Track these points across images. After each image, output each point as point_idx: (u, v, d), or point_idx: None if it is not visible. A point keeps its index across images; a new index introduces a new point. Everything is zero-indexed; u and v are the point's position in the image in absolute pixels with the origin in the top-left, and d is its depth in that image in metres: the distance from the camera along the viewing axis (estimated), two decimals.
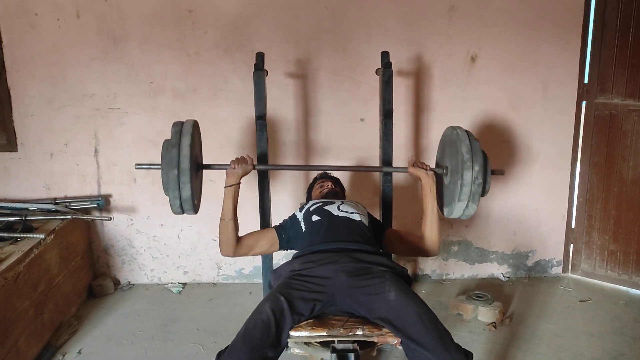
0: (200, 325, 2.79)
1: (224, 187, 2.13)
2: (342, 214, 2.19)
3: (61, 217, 2.86)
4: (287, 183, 3.15)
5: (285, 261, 2.15)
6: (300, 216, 2.25)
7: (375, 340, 1.80)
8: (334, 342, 1.80)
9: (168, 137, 3.03)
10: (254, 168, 2.19)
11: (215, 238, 3.22)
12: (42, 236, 2.59)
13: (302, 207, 2.31)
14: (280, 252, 3.13)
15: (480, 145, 2.05)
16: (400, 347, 1.79)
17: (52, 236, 2.68)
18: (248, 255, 2.22)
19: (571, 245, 3.34)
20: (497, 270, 3.36)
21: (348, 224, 2.14)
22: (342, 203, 2.28)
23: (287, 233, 2.23)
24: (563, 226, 3.32)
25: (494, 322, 2.75)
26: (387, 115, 2.46)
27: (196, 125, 2.11)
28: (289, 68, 3.01)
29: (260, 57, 2.43)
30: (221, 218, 2.13)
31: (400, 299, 1.77)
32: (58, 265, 2.72)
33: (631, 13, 2.91)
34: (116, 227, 3.19)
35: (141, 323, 2.82)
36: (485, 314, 2.79)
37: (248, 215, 3.17)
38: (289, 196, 3.16)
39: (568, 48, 3.05)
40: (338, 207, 2.23)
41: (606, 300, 3.06)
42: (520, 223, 3.29)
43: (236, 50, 2.97)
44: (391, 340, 1.78)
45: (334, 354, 1.75)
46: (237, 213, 2.15)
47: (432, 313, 1.74)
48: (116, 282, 3.23)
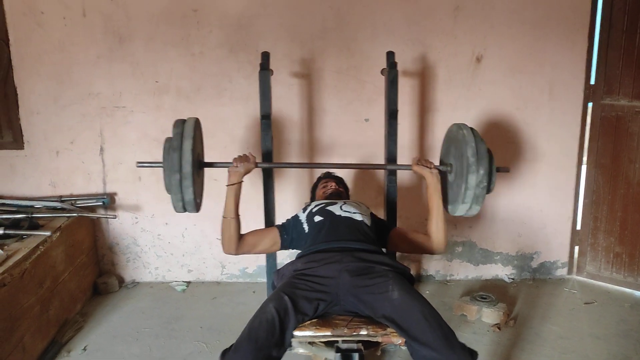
0: (204, 323, 2.80)
1: (226, 186, 2.13)
2: (344, 214, 2.19)
3: (67, 215, 2.87)
4: (292, 182, 3.16)
5: (288, 261, 2.16)
6: (303, 217, 2.26)
7: (379, 340, 1.80)
8: (338, 342, 1.80)
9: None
10: (257, 166, 2.20)
11: (219, 237, 3.21)
12: (48, 233, 2.60)
13: (305, 209, 2.31)
14: (284, 252, 3.15)
15: (485, 145, 2.04)
16: (404, 348, 1.79)
17: (58, 234, 2.69)
18: (250, 253, 2.23)
19: (576, 247, 3.33)
20: (502, 271, 3.35)
21: (350, 224, 2.15)
22: (345, 203, 2.28)
23: (290, 234, 2.23)
24: (568, 228, 3.30)
25: (498, 324, 2.75)
26: (392, 115, 2.46)
27: (198, 124, 2.11)
28: (294, 67, 3.01)
29: (265, 57, 2.44)
30: (223, 216, 2.14)
31: (404, 298, 1.77)
32: (63, 262, 2.74)
33: (638, 14, 2.90)
34: (121, 225, 3.20)
35: (145, 321, 2.83)
36: (489, 315, 2.78)
37: (252, 213, 3.18)
38: (293, 195, 3.16)
39: (574, 49, 3.04)
40: (340, 207, 2.23)
41: (611, 302, 3.04)
42: (525, 224, 3.28)
43: (241, 49, 2.97)
44: (395, 340, 1.78)
45: (338, 354, 1.75)
46: (241, 212, 2.15)
47: (436, 312, 1.74)
48: (121, 280, 3.25)
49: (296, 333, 1.77)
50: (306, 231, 2.19)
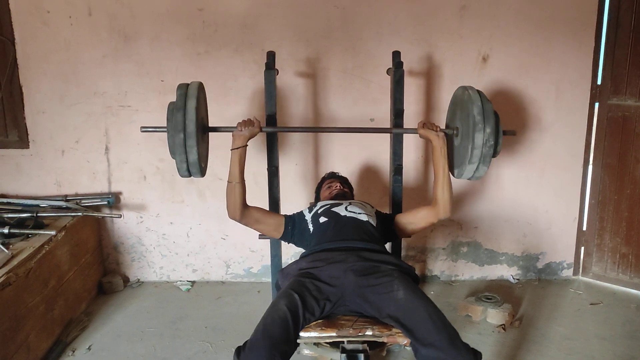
0: (208, 323, 2.80)
1: (231, 150, 2.13)
2: (350, 214, 2.19)
3: (72, 214, 2.87)
4: (296, 182, 3.15)
5: (293, 260, 2.15)
6: (308, 217, 2.25)
7: (384, 340, 1.80)
8: (344, 343, 1.79)
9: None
10: (261, 130, 2.19)
11: (224, 236, 3.22)
12: (53, 233, 2.61)
13: (311, 209, 2.31)
14: (289, 252, 3.16)
15: (492, 105, 2.01)
16: (409, 348, 1.78)
17: (63, 233, 2.70)
18: (251, 226, 2.22)
19: (582, 247, 3.31)
20: (507, 272, 3.34)
21: (355, 224, 2.15)
22: (350, 204, 2.28)
23: (294, 228, 2.24)
24: (574, 228, 3.29)
25: (504, 324, 2.73)
26: (398, 115, 2.46)
27: (202, 87, 2.09)
28: (299, 67, 3.00)
29: (271, 56, 2.43)
30: (228, 181, 2.14)
31: (409, 298, 1.76)
32: (68, 261, 2.74)
33: None
34: (126, 225, 3.20)
35: (150, 320, 2.83)
36: (494, 316, 2.77)
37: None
38: (297, 194, 3.16)
39: (581, 48, 3.02)
40: (346, 208, 2.23)
41: (617, 303, 3.03)
42: (530, 225, 3.27)
43: (246, 49, 2.97)
44: (401, 340, 1.77)
45: (344, 355, 1.74)
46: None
47: (441, 312, 1.73)
48: (125, 280, 3.25)
49: (302, 334, 1.77)
50: (311, 231, 2.19)
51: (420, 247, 3.29)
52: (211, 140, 3.06)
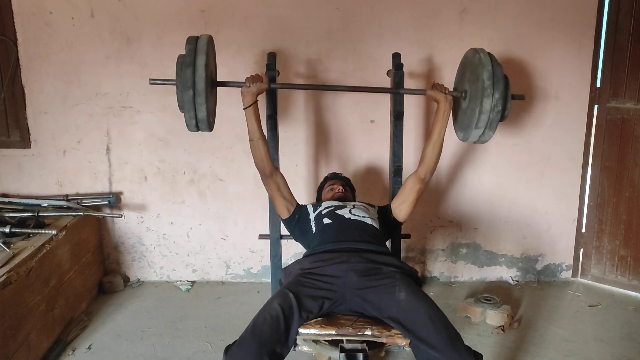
0: (208, 323, 2.81)
1: (243, 109, 2.14)
2: (354, 217, 2.20)
3: (73, 214, 2.88)
4: (297, 184, 3.16)
5: (295, 260, 2.16)
6: (312, 217, 2.26)
7: (384, 340, 1.81)
8: (343, 342, 1.80)
9: (178, 136, 3.07)
10: (269, 87, 2.20)
11: (224, 237, 3.23)
12: (54, 232, 2.62)
13: (315, 208, 2.31)
14: (289, 252, 3.17)
15: (502, 70, 2.00)
16: (408, 349, 1.79)
17: (64, 232, 2.71)
18: (271, 191, 2.27)
19: (581, 249, 3.32)
20: (506, 273, 3.35)
21: (359, 226, 2.16)
22: (354, 207, 2.29)
23: (299, 220, 2.27)
24: (573, 230, 3.30)
25: (503, 326, 2.74)
26: (398, 117, 2.47)
27: (211, 41, 2.06)
28: (300, 68, 3.02)
29: (272, 57, 2.45)
30: (250, 139, 2.17)
31: (410, 299, 1.77)
32: (69, 261, 2.75)
33: None
34: (126, 225, 3.21)
35: (150, 320, 2.84)
36: (493, 317, 2.78)
37: (258, 212, 3.21)
38: (298, 196, 3.16)
39: (580, 51, 3.04)
40: (350, 211, 2.24)
41: (616, 305, 3.04)
42: (530, 226, 3.28)
43: (247, 50, 2.98)
44: (400, 341, 1.78)
45: (343, 354, 1.75)
46: (245, 211, 2.16)
47: (443, 314, 1.74)
48: (126, 279, 3.26)
49: (301, 330, 1.78)
50: (313, 232, 2.20)
51: (419, 249, 3.30)
52: (211, 140, 3.10)
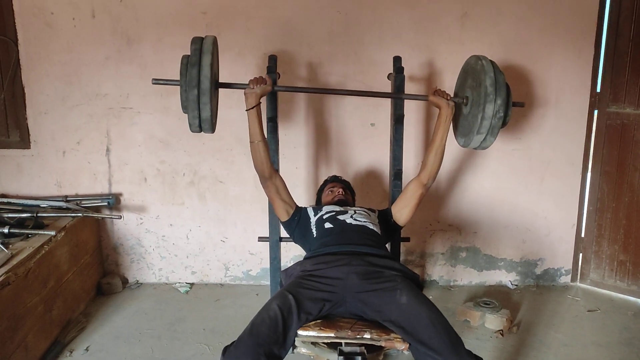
0: (206, 325, 2.80)
1: (246, 110, 2.13)
2: (355, 222, 2.20)
3: (72, 215, 2.88)
4: (297, 186, 3.16)
5: (296, 261, 2.16)
6: (312, 220, 2.26)
7: (382, 344, 1.80)
8: (341, 345, 1.80)
9: (178, 138, 3.07)
10: (273, 89, 2.20)
11: (223, 239, 3.23)
12: (53, 233, 2.61)
13: (316, 212, 2.31)
14: (288, 255, 3.16)
15: (504, 76, 2.02)
16: (407, 353, 1.79)
17: (63, 233, 2.70)
18: (270, 193, 2.27)
19: (580, 254, 3.32)
20: (505, 277, 3.35)
21: (360, 230, 2.16)
22: (355, 212, 2.29)
23: (299, 222, 2.27)
24: (572, 235, 3.30)
25: (502, 330, 2.74)
26: (398, 120, 2.47)
27: (215, 41, 2.07)
28: (301, 71, 3.02)
29: (273, 60, 2.45)
30: (251, 141, 2.16)
31: (411, 303, 1.77)
32: (68, 262, 2.75)
33: None
34: (126, 226, 3.21)
35: (148, 322, 2.83)
36: (492, 322, 2.78)
37: (257, 217, 3.20)
38: (298, 197, 3.16)
39: (581, 56, 3.04)
40: (351, 217, 2.24)
41: (615, 310, 3.04)
42: (529, 231, 3.28)
43: (248, 52, 2.98)
44: (399, 345, 1.78)
45: (341, 357, 1.75)
46: (245, 213, 2.16)
47: (444, 318, 1.74)
48: (124, 281, 3.25)
49: (300, 332, 1.78)
50: (314, 235, 2.19)
51: (419, 252, 3.30)
52: (212, 142, 3.09)
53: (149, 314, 2.91)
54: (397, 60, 2.52)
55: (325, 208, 2.34)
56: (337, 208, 2.34)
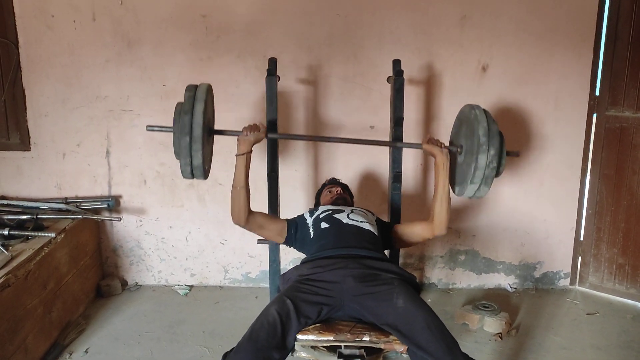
0: (206, 327, 2.80)
1: (236, 155, 2.12)
2: (352, 222, 2.20)
3: (71, 217, 2.88)
4: (295, 189, 3.16)
5: (293, 266, 2.16)
6: (309, 222, 2.26)
7: (382, 346, 1.81)
8: (341, 347, 1.80)
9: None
10: (266, 136, 2.19)
11: (222, 241, 3.23)
12: (53, 235, 2.62)
13: (312, 213, 2.32)
14: (287, 257, 3.16)
15: (497, 126, 2.03)
16: (405, 355, 1.79)
17: (63, 235, 2.70)
18: (255, 232, 2.23)
19: (579, 257, 3.33)
20: (504, 280, 3.35)
21: (357, 232, 2.15)
22: (352, 212, 2.29)
23: (296, 232, 2.25)
24: (571, 238, 3.30)
25: (500, 333, 2.74)
26: (398, 122, 2.48)
27: (210, 89, 2.08)
28: (301, 74, 3.03)
29: (272, 63, 2.45)
30: (233, 186, 2.13)
31: (408, 306, 1.77)
32: (67, 264, 2.75)
33: None
34: (125, 228, 3.21)
35: (148, 324, 2.83)
36: (491, 325, 2.78)
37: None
38: (296, 201, 3.17)
39: (580, 60, 3.05)
40: (347, 216, 2.24)
41: (613, 313, 3.04)
42: (528, 234, 3.28)
43: (248, 55, 2.99)
44: (398, 347, 1.78)
45: (341, 359, 1.75)
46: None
47: (440, 321, 1.74)
48: (124, 283, 3.25)
49: (299, 337, 1.78)
50: (312, 237, 2.19)
51: (418, 255, 3.30)
52: (215, 144, 3.09)
53: (148, 316, 2.91)
54: (397, 63, 2.52)
55: (321, 208, 2.34)
56: (333, 207, 2.34)
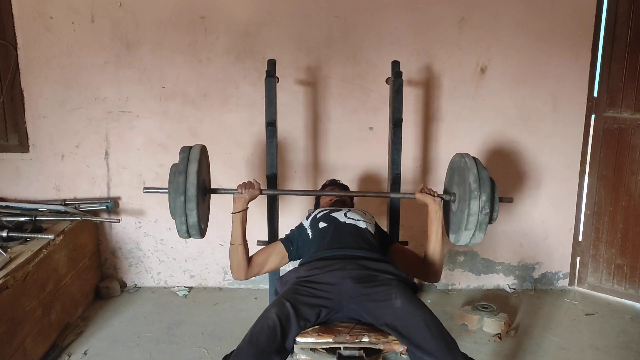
0: (205, 329, 2.80)
1: (232, 213, 2.13)
2: (349, 221, 2.20)
3: (70, 219, 2.88)
4: (298, 185, 3.17)
5: (291, 268, 2.16)
6: (307, 224, 2.26)
7: (381, 347, 1.81)
8: (340, 349, 1.80)
9: (177, 141, 3.07)
10: (261, 193, 2.19)
11: (222, 242, 3.23)
12: (51, 237, 2.61)
13: (309, 215, 2.32)
14: None
15: (487, 173, 2.04)
16: (404, 356, 1.79)
17: (61, 237, 2.70)
18: (260, 274, 2.22)
19: (578, 258, 3.33)
20: (503, 281, 3.36)
21: (354, 231, 2.15)
22: (349, 210, 2.29)
23: (295, 243, 2.23)
24: (570, 239, 3.31)
25: (499, 334, 2.75)
26: (397, 124, 2.48)
27: (204, 150, 2.12)
28: (300, 75, 3.03)
29: (272, 64, 2.45)
30: (231, 243, 2.14)
31: (406, 306, 1.77)
32: (66, 266, 2.75)
33: None
34: (124, 230, 3.21)
35: (147, 326, 2.83)
36: (490, 325, 2.79)
37: (255, 221, 3.19)
38: (297, 203, 3.17)
39: (578, 61, 3.06)
40: (345, 215, 2.24)
41: (612, 314, 3.05)
42: (527, 235, 3.29)
43: (247, 56, 2.99)
44: (397, 347, 1.78)
45: None
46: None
47: (439, 321, 1.74)
48: (123, 285, 3.25)
49: (298, 339, 1.78)
50: (310, 237, 2.19)
51: None
52: (210, 146, 3.08)
53: (148, 318, 2.91)
54: (396, 64, 2.53)
55: (318, 209, 2.35)
56: (331, 207, 2.35)
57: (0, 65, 2.97)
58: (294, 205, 3.17)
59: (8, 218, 2.74)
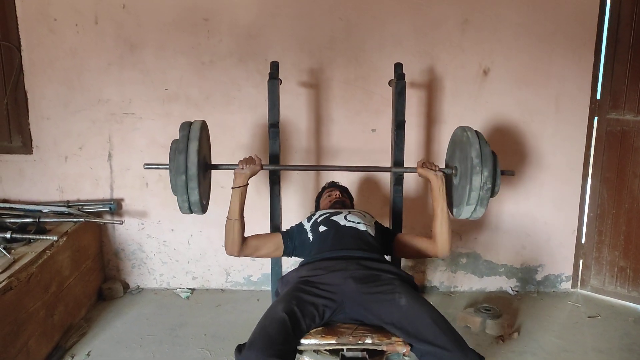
0: (207, 330, 2.80)
1: (232, 188, 2.15)
2: (349, 224, 2.21)
3: (74, 220, 2.89)
4: (298, 189, 3.17)
5: (293, 269, 2.16)
6: (307, 226, 2.27)
7: (384, 348, 1.81)
8: (343, 350, 1.80)
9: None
10: (262, 168, 2.21)
11: (224, 245, 3.23)
12: (55, 238, 2.62)
13: (310, 218, 2.33)
14: (289, 260, 3.16)
15: (490, 148, 2.04)
16: (407, 357, 1.79)
17: (65, 238, 2.71)
18: (252, 256, 2.25)
19: (581, 260, 3.33)
20: (506, 283, 3.35)
21: (354, 234, 2.16)
22: (349, 213, 2.29)
23: (293, 241, 2.25)
24: (573, 241, 3.30)
25: (502, 336, 2.74)
26: (399, 126, 2.48)
27: (204, 126, 2.11)
28: (302, 77, 3.03)
29: (274, 66, 2.46)
30: (228, 218, 2.16)
31: (411, 304, 1.78)
32: (69, 267, 2.75)
33: None
34: (127, 231, 3.21)
35: (149, 327, 2.83)
36: (493, 327, 2.78)
37: (258, 220, 3.20)
38: (299, 202, 3.18)
39: (581, 63, 3.06)
40: (345, 217, 2.25)
41: (615, 316, 3.04)
42: (529, 237, 3.28)
43: (250, 58, 3.00)
44: (400, 348, 1.78)
45: None
46: (247, 218, 2.17)
47: (444, 318, 1.75)
48: (125, 286, 3.25)
49: (302, 341, 1.78)
50: (310, 240, 2.20)
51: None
52: (213, 147, 3.09)
53: (150, 319, 2.91)
54: (398, 66, 2.53)
55: (318, 212, 2.36)
56: (331, 210, 2.36)
57: (4, 67, 2.98)
58: (295, 201, 3.17)
59: (12, 219, 2.75)
